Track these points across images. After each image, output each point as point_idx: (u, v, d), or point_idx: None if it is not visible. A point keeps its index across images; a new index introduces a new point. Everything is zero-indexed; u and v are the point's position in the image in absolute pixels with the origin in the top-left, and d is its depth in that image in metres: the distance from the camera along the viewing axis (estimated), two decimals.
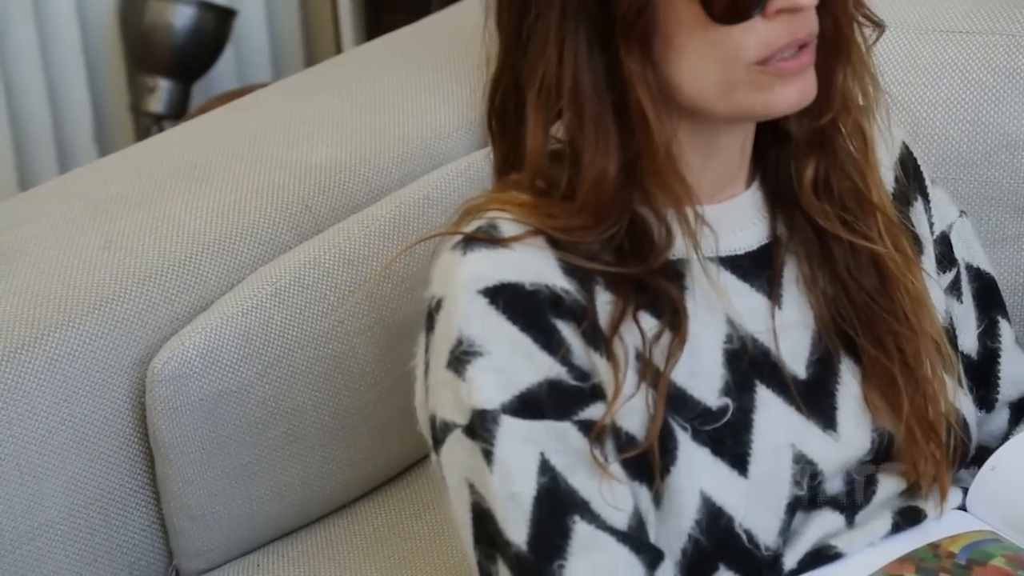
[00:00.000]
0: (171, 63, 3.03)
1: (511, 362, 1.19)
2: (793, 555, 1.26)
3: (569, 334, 1.20)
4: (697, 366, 1.24)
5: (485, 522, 1.19)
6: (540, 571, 1.17)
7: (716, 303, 1.25)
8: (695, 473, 1.22)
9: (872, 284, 1.30)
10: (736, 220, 1.29)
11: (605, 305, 1.22)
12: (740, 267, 1.28)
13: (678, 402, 1.23)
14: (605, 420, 1.19)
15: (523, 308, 1.20)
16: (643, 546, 1.19)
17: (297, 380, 1.64)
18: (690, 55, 1.19)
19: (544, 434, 1.18)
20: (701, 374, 1.24)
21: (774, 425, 1.26)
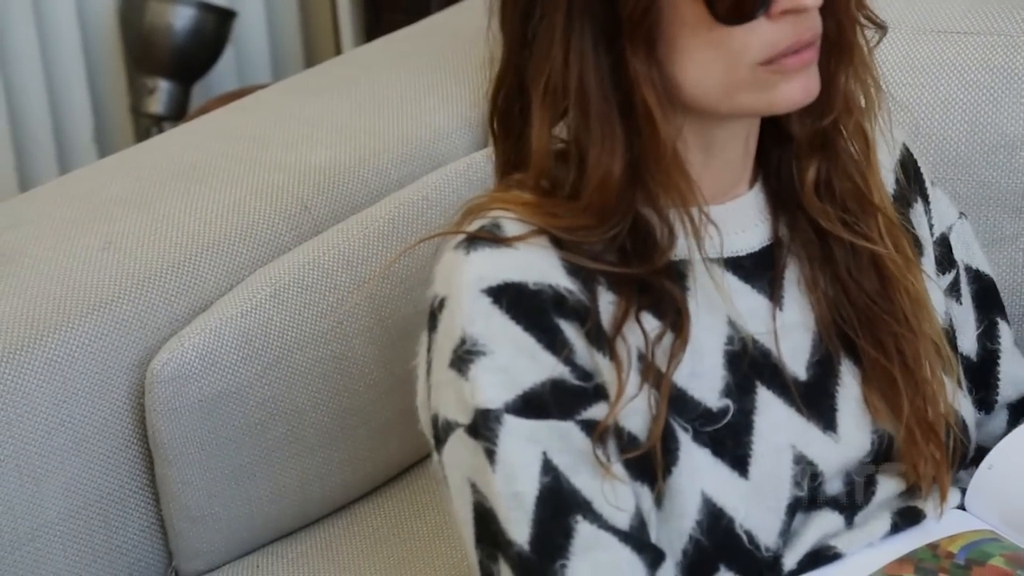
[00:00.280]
0: (171, 64, 3.03)
1: (514, 362, 1.19)
2: (793, 556, 1.26)
3: (572, 334, 1.20)
4: (698, 367, 1.24)
5: (487, 522, 1.19)
6: (542, 571, 1.17)
7: (717, 304, 1.25)
8: (696, 474, 1.22)
9: (872, 286, 1.30)
10: (739, 221, 1.29)
11: (608, 305, 1.22)
12: (742, 268, 1.28)
13: (679, 403, 1.23)
14: (608, 420, 1.19)
15: (526, 308, 1.20)
16: (645, 546, 1.19)
17: (296, 381, 1.64)
18: (694, 55, 1.19)
19: (547, 434, 1.18)
20: (702, 375, 1.24)
21: (774, 426, 1.26)
